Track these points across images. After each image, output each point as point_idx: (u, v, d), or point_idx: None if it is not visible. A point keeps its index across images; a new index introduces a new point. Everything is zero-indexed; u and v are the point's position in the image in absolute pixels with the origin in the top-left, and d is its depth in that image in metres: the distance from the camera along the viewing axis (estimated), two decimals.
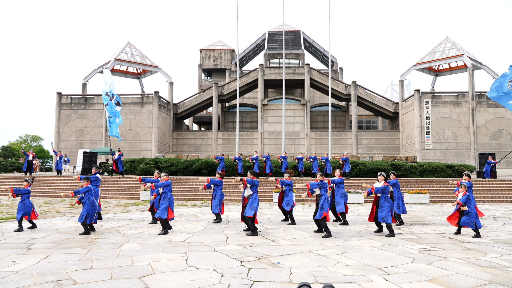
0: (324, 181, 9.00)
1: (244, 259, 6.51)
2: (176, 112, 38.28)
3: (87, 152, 21.88)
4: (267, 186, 18.72)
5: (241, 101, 40.92)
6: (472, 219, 8.71)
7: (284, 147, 28.74)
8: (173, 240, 8.12)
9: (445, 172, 21.96)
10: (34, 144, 71.31)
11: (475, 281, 5.29)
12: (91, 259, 6.41)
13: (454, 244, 7.94)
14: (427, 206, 15.79)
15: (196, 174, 21.80)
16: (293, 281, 5.23)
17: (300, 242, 8.00)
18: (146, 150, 33.40)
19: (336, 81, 37.61)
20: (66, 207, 14.40)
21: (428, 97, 31.75)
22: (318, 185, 8.88)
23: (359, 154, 33.88)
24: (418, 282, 5.24)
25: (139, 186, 18.79)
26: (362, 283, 5.21)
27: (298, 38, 47.27)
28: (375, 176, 20.62)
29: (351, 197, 16.23)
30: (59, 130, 33.87)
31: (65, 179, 20.80)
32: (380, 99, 37.15)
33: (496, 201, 17.23)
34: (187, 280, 5.29)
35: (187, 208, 14.23)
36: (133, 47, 37.43)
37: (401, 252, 7.08)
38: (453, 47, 33.89)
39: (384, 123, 46.46)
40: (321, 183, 8.91)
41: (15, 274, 5.54)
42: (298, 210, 13.93)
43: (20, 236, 8.57)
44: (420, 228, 9.98)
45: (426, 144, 31.15)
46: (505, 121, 31.09)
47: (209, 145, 36.90)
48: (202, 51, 50.13)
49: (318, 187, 8.89)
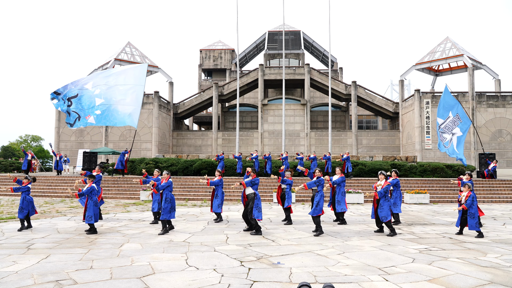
0: (321, 177, 9.05)
1: (244, 259, 6.51)
2: (176, 112, 38.28)
3: (87, 152, 21.88)
4: (267, 186, 18.72)
5: (241, 101, 40.92)
6: (476, 220, 8.70)
7: (284, 147, 28.75)
8: (173, 240, 8.12)
9: (445, 172, 21.96)
10: (34, 144, 71.32)
11: (475, 281, 5.29)
12: (91, 259, 6.41)
13: (454, 244, 7.94)
14: (427, 206, 15.78)
15: (196, 174, 21.80)
16: (293, 281, 5.23)
17: (300, 242, 8.00)
18: (146, 150, 33.41)
19: (336, 81, 37.61)
20: (66, 207, 14.40)
21: (428, 97, 31.74)
22: (315, 183, 9.01)
23: (359, 154, 33.87)
24: (418, 282, 5.24)
25: (139, 186, 18.78)
26: (362, 283, 5.21)
27: (298, 38, 47.27)
28: (375, 176, 20.61)
29: (351, 197, 16.21)
30: (59, 130, 33.87)
31: (65, 179, 20.80)
32: (380, 99, 37.14)
33: (496, 201, 17.22)
34: (187, 280, 5.29)
35: (187, 208, 14.23)
36: (133, 47, 37.44)
37: (401, 252, 7.08)
38: (453, 47, 33.89)
39: (384, 123, 46.47)
40: (318, 180, 8.95)
41: (15, 274, 5.54)
42: (298, 210, 13.93)
43: (20, 236, 8.57)
44: (420, 228, 9.98)
45: (426, 144, 31.14)
46: (505, 121, 31.09)
47: (209, 145, 36.90)
48: (202, 51, 50.12)
49: (315, 185, 9.01)
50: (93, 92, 15.55)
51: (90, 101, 15.48)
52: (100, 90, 15.59)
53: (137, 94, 15.67)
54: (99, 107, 15.42)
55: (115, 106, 15.42)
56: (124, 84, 15.78)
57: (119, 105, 15.50)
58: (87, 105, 15.40)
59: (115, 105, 15.49)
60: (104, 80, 15.90)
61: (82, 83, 15.89)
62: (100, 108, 15.41)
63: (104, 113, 15.41)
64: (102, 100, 15.40)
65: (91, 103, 15.49)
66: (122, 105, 15.50)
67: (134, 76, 16.13)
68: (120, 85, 15.79)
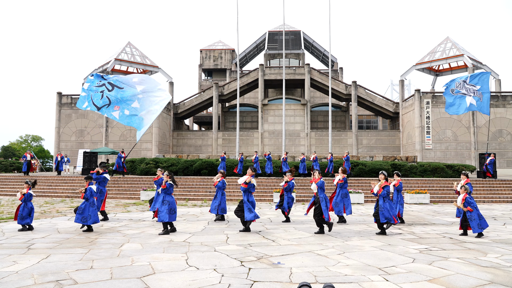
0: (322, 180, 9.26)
1: (245, 259, 6.51)
2: (177, 112, 38.28)
3: (88, 152, 21.88)
4: (267, 186, 18.72)
5: (241, 101, 40.92)
6: (477, 221, 8.61)
7: (284, 147, 28.75)
8: (173, 240, 8.12)
9: (445, 172, 21.96)
10: (35, 144, 71.34)
11: (476, 281, 5.29)
12: (91, 259, 6.41)
13: (454, 244, 7.94)
14: (428, 206, 15.78)
15: (197, 174, 21.81)
16: (294, 281, 5.23)
17: (300, 242, 8.00)
18: (147, 150, 33.41)
19: (337, 81, 37.60)
20: (66, 207, 14.41)
21: (428, 97, 31.74)
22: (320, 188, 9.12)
23: (360, 154, 33.87)
24: (419, 282, 5.24)
25: (139, 186, 18.79)
26: (363, 283, 5.21)
27: (298, 38, 47.27)
28: (375, 176, 20.60)
29: (352, 197, 16.20)
30: (59, 130, 33.88)
31: (65, 179, 20.81)
32: (381, 99, 37.13)
33: (496, 201, 17.22)
34: (188, 280, 5.29)
35: (187, 208, 14.24)
36: (133, 47, 37.45)
37: (401, 252, 7.07)
38: (454, 47, 33.89)
39: (384, 123, 46.47)
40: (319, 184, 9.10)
41: (15, 274, 5.54)
42: (298, 210, 13.93)
43: (20, 236, 8.57)
44: (420, 228, 9.97)
45: (426, 144, 31.14)
46: (506, 121, 31.08)
47: (209, 145, 36.91)
48: (203, 51, 50.12)
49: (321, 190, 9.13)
50: (137, 95, 15.80)
51: (131, 99, 15.64)
52: (142, 96, 15.85)
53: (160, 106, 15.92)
54: (132, 109, 15.61)
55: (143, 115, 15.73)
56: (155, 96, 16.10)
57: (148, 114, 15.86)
58: (126, 99, 15.51)
59: (145, 115, 15.82)
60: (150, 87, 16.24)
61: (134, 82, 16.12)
62: (132, 110, 15.60)
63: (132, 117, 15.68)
64: (138, 106, 15.61)
65: (130, 102, 15.65)
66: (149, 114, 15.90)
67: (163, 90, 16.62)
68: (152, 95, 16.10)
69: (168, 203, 9.00)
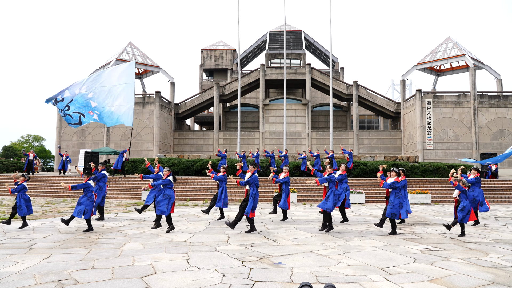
0: (332, 174, 9.25)
1: (246, 259, 6.51)
2: (178, 112, 38.29)
3: (89, 152, 21.90)
4: (267, 186, 18.71)
5: (243, 101, 40.92)
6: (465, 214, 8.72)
7: (285, 147, 28.74)
8: (174, 240, 8.12)
9: (446, 172, 21.91)
10: (36, 144, 71.46)
11: (477, 281, 5.28)
12: (92, 259, 6.42)
13: (455, 244, 7.93)
14: (429, 206, 15.76)
15: (198, 174, 21.80)
16: (295, 281, 5.23)
17: (301, 242, 7.99)
18: (148, 150, 33.43)
19: (338, 81, 37.57)
20: (67, 206, 14.42)
21: (429, 97, 31.69)
22: (326, 180, 9.21)
23: (361, 154, 33.84)
24: (420, 282, 5.23)
25: (141, 185, 18.79)
26: (364, 283, 5.20)
27: (300, 38, 47.26)
28: (376, 176, 20.56)
29: (352, 197, 16.20)
30: (60, 130, 33.92)
31: (66, 179, 20.83)
32: (382, 99, 37.09)
33: (497, 201, 17.19)
34: (189, 280, 5.29)
35: (188, 208, 14.24)
36: (134, 47, 37.48)
37: (402, 252, 7.06)
38: (455, 47, 33.84)
39: (385, 123, 46.42)
40: (329, 177, 9.11)
41: (16, 274, 5.55)
42: (299, 210, 13.93)
43: (21, 236, 8.59)
44: (421, 228, 9.96)
45: (427, 144, 31.10)
46: (507, 121, 31.02)
47: (211, 145, 36.91)
48: (204, 51, 50.14)
49: (326, 181, 9.22)
50: (87, 94, 15.96)
51: (86, 103, 15.94)
52: (93, 94, 16.00)
53: (128, 92, 16.08)
54: (95, 109, 15.90)
55: (109, 108, 15.81)
56: (117, 84, 16.19)
57: (113, 106, 15.98)
58: (85, 104, 15.79)
59: (109, 107, 15.93)
60: (97, 83, 16.28)
61: (77, 87, 16.17)
62: (96, 110, 15.89)
63: (101, 115, 15.90)
64: (96, 104, 15.89)
65: (87, 104, 15.94)
66: (116, 106, 15.86)
67: (125, 74, 16.51)
68: (113, 85, 16.18)
69: (169, 198, 9.17)
